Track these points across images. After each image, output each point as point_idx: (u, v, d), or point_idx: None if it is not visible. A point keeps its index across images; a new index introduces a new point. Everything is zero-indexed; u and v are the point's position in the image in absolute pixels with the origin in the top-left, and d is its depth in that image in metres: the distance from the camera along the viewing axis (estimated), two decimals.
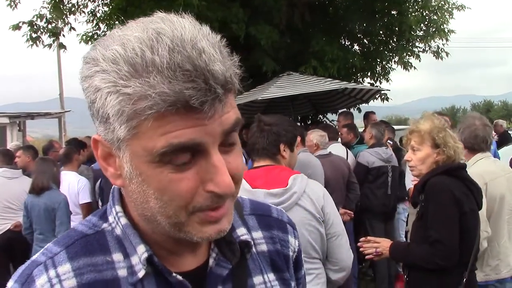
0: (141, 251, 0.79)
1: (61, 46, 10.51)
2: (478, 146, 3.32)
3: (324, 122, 9.64)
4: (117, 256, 0.81)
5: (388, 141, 6.37)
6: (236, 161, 0.75)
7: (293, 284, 1.00)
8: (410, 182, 4.41)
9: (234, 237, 0.88)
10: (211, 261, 0.86)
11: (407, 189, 5.69)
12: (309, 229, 2.32)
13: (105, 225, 0.84)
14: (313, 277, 2.34)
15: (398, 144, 6.63)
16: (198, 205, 0.71)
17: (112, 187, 0.86)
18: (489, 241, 3.12)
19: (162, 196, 0.70)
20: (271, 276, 0.96)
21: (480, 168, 3.23)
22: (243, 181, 2.28)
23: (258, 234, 0.98)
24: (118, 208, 0.83)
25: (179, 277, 0.79)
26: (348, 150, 6.00)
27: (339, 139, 6.71)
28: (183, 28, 0.67)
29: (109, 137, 0.72)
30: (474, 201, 2.61)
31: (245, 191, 2.28)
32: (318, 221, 2.34)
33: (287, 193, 2.31)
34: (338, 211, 5.02)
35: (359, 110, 10.25)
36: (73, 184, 5.22)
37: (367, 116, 8.11)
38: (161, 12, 0.73)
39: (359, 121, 8.79)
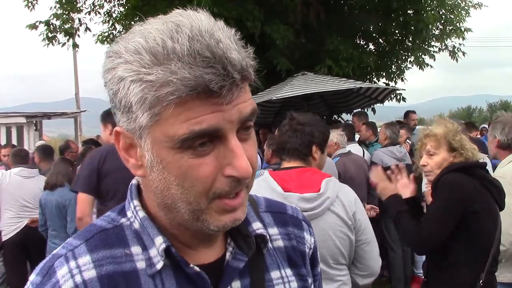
0: (159, 242, 0.80)
1: (74, 45, 10.61)
2: None
3: (346, 121, 9.57)
4: (136, 249, 0.83)
5: (407, 141, 6.32)
6: (251, 149, 0.78)
7: (309, 280, 1.01)
8: (424, 185, 4.36)
9: (250, 231, 0.90)
10: (227, 254, 0.88)
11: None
12: (339, 236, 2.24)
13: (123, 219, 0.87)
14: (339, 284, 2.28)
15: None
16: (218, 191, 0.74)
17: (130, 184, 0.89)
18: None
19: (183, 182, 0.73)
20: (288, 271, 0.97)
21: None
22: (275, 183, 2.23)
23: (274, 231, 0.99)
24: (136, 202, 0.86)
25: (197, 268, 0.81)
26: (365, 150, 5.98)
27: (356, 138, 6.69)
28: (200, 20, 0.71)
29: (131, 127, 0.75)
30: (491, 201, 2.56)
31: (278, 194, 2.19)
32: (349, 227, 2.27)
33: (320, 198, 2.23)
34: (364, 207, 5.04)
35: (374, 111, 10.16)
36: None
37: (407, 115, 8.11)
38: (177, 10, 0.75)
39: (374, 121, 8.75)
